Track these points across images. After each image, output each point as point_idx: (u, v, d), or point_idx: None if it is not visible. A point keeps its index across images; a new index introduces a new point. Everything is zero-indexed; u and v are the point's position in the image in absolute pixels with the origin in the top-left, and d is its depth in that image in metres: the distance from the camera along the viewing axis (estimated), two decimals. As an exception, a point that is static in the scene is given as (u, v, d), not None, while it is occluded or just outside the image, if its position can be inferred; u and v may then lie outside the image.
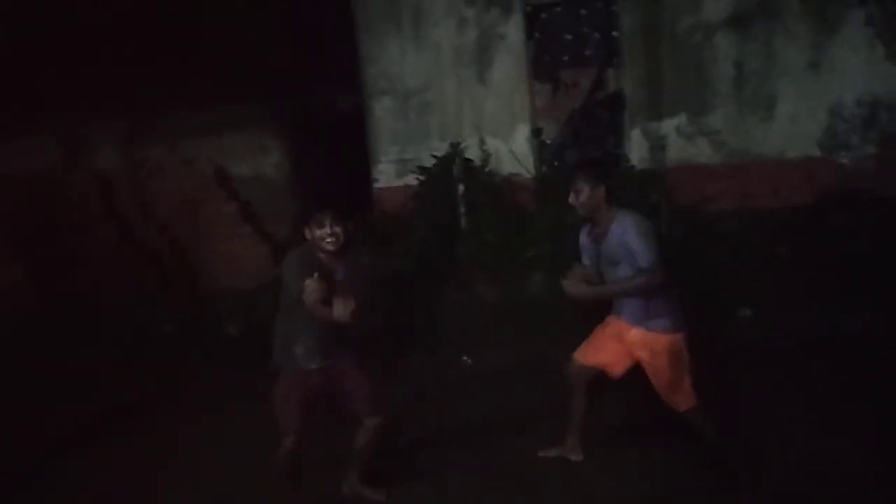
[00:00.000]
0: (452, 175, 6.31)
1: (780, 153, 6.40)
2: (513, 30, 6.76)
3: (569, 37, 6.80)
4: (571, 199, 3.23)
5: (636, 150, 6.68)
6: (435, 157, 6.63)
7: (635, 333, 3.26)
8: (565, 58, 6.84)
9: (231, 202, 7.23)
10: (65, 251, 6.57)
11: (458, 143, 6.52)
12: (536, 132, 6.87)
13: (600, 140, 6.90)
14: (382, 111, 7.04)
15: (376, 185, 7.17)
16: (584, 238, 3.40)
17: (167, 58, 7.20)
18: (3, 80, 7.10)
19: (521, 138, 6.88)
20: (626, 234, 3.11)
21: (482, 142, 6.63)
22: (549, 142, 6.97)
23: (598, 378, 3.45)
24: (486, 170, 6.50)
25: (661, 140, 6.66)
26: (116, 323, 5.96)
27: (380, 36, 6.92)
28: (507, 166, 6.85)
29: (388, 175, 7.13)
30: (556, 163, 6.98)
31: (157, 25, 7.25)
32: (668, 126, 6.63)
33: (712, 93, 6.49)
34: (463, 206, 6.09)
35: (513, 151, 6.71)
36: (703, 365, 4.43)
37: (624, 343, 3.30)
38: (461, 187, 6.12)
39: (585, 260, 3.40)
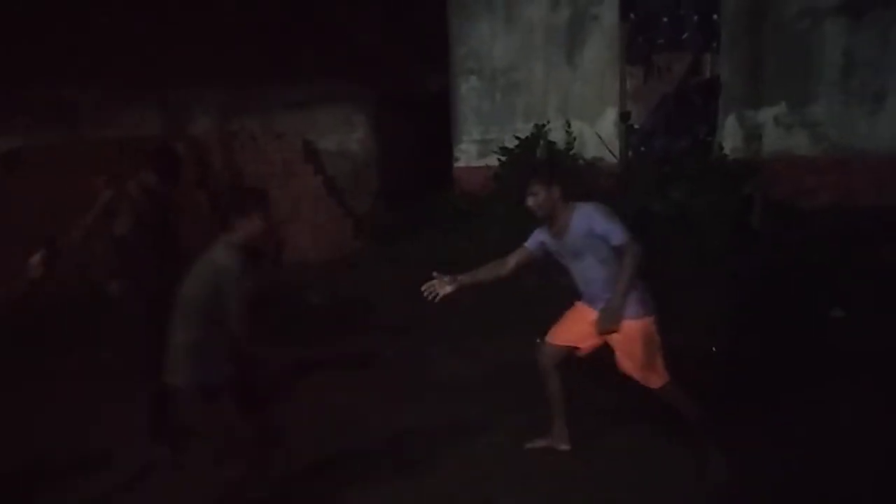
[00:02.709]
0: (535, 157, 6.29)
1: (887, 149, 6.04)
2: (607, 10, 6.64)
3: (665, 19, 6.61)
4: (529, 202, 3.25)
5: (730, 140, 6.46)
6: (518, 138, 6.62)
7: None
8: (660, 40, 6.66)
9: (317, 175, 7.46)
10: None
11: (543, 125, 6.48)
12: (625, 116, 6.75)
13: (692, 127, 6.70)
14: (468, 91, 7.08)
15: (457, 165, 7.25)
16: (544, 237, 3.39)
17: (263, 33, 7.48)
18: (112, 52, 7.57)
19: (608, 122, 6.78)
20: (591, 219, 3.14)
21: (568, 124, 6.57)
22: (637, 127, 6.83)
23: (568, 358, 3.46)
24: (571, 153, 6.43)
25: (757, 129, 6.42)
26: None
27: (470, 15, 6.95)
28: (591, 150, 6.77)
29: (470, 155, 7.18)
30: (642, 149, 6.86)
31: (253, 1, 7.54)
32: (766, 115, 6.37)
33: (816, 82, 6.18)
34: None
35: (599, 135, 6.61)
36: (787, 363, 4.33)
37: (592, 326, 3.31)
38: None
39: (531, 248, 3.40)
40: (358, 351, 5.25)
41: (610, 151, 6.64)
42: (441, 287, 3.31)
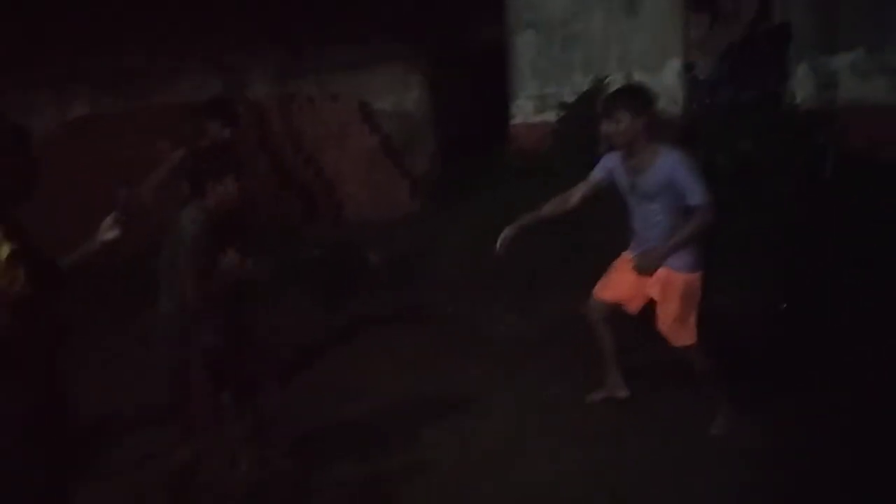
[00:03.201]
0: (595, 112, 6.13)
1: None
2: (670, -45, 6.36)
3: (732, -39, 6.30)
4: (606, 126, 3.08)
5: (802, 89, 6.14)
6: (577, 92, 6.47)
7: (665, 272, 3.17)
8: (727, -15, 6.35)
9: (373, 136, 7.49)
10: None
11: (604, 79, 6.31)
12: (689, 67, 6.50)
13: (761, 76, 6.39)
14: (525, 45, 6.93)
15: (513, 122, 7.14)
16: (615, 165, 3.24)
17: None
18: (171, 18, 7.70)
19: (671, 74, 6.54)
20: (676, 170, 3.00)
21: (629, 77, 6.36)
22: (701, 78, 6.57)
23: (616, 314, 3.40)
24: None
25: (831, 77, 6.08)
26: (269, 244, 6.45)
27: (526, -34, 6.76)
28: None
29: (526, 111, 7.06)
30: (707, 100, 6.59)
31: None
32: (842, 62, 6.02)
33: (898, 24, 5.80)
34: (604, 144, 5.93)
35: (666, 86, 6.37)
36: (854, 324, 4.16)
37: (639, 279, 3.23)
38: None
39: (599, 178, 3.30)
40: (417, 307, 5.33)
41: (675, 103, 6.40)
42: (504, 236, 3.25)
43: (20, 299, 1.90)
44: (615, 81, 6.47)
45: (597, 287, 3.47)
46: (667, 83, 6.49)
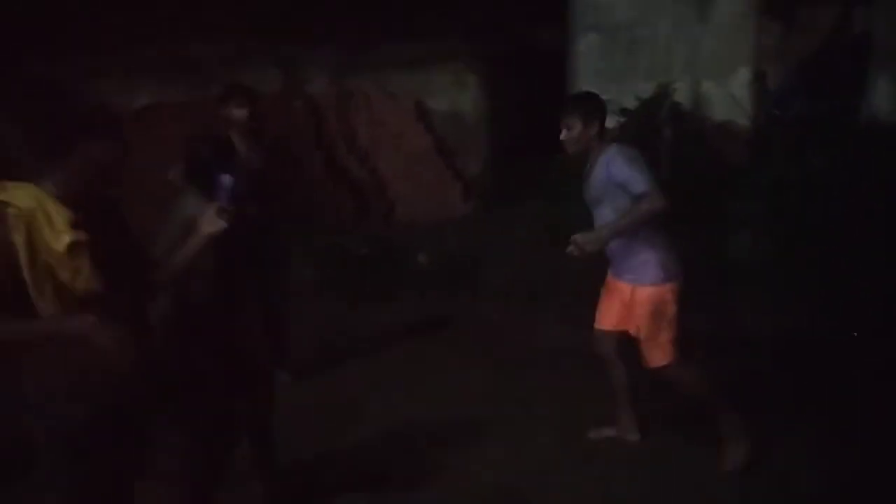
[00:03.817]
0: (658, 118, 5.94)
1: None
2: (744, -41, 6.11)
3: (811, -33, 6.02)
4: (562, 135, 3.01)
5: (882, 103, 5.82)
6: (640, 98, 6.27)
7: (628, 290, 3.07)
8: (805, -8, 6.07)
9: (428, 136, 7.44)
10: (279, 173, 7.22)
11: (668, 85, 6.10)
12: (759, 76, 6.23)
13: (837, 89, 6.09)
14: (587, 47, 6.76)
15: (572, 127, 6.98)
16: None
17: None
18: (233, 10, 7.80)
19: (740, 83, 6.27)
20: (611, 164, 2.88)
21: (698, 84, 6.13)
22: (772, 88, 6.30)
23: (623, 343, 3.22)
24: (700, 114, 6.02)
25: (914, 91, 5.75)
26: (320, 241, 6.48)
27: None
28: (718, 113, 6.31)
29: (586, 116, 6.89)
30: (777, 112, 6.32)
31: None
32: (927, 75, 5.68)
33: None
34: (667, 152, 5.74)
35: (734, 96, 6.13)
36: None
37: (623, 299, 3.11)
38: (667, 132, 5.76)
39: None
40: (468, 314, 5.26)
41: (744, 112, 6.15)
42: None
43: (88, 295, 1.81)
44: (681, 88, 6.30)
45: (596, 317, 3.30)
46: (735, 92, 6.25)
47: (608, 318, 3.22)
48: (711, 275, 5.19)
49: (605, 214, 3.00)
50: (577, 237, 2.88)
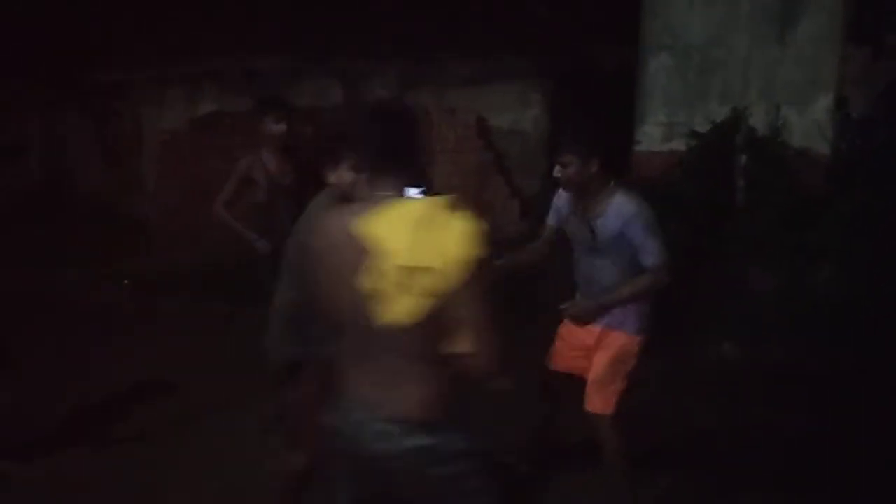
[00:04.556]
0: (733, 143, 5.71)
1: None
2: (830, -20, 5.86)
3: (903, -9, 5.74)
4: (556, 171, 2.84)
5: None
6: (713, 122, 6.05)
7: (595, 332, 2.90)
8: (894, 17, 5.78)
9: (487, 153, 7.34)
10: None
11: (744, 109, 5.87)
12: (841, 103, 5.94)
13: (925, 118, 5.78)
14: (658, 68, 6.57)
15: (637, 148, 6.78)
16: (563, 206, 3.01)
17: (440, 5, 7.42)
18: (297, 23, 7.90)
19: (820, 109, 5.99)
20: (628, 225, 2.72)
21: (778, 108, 5.86)
22: (855, 116, 6.00)
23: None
24: (779, 140, 5.76)
25: None
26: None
27: (667, -14, 6.43)
28: (796, 140, 6.04)
29: (653, 138, 6.68)
30: (859, 141, 6.01)
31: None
32: None
33: None
34: (742, 179, 5.51)
35: (814, 123, 5.85)
36: None
37: (586, 342, 2.96)
38: (743, 158, 5.52)
39: (553, 223, 3.09)
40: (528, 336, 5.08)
41: (825, 140, 5.87)
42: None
43: None
44: (757, 113, 6.06)
45: (549, 358, 3.13)
46: (816, 119, 5.97)
47: (562, 360, 3.07)
48: (786, 304, 4.93)
49: (605, 266, 2.85)
50: (571, 309, 2.86)
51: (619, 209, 2.79)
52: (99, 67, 8.77)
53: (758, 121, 6.02)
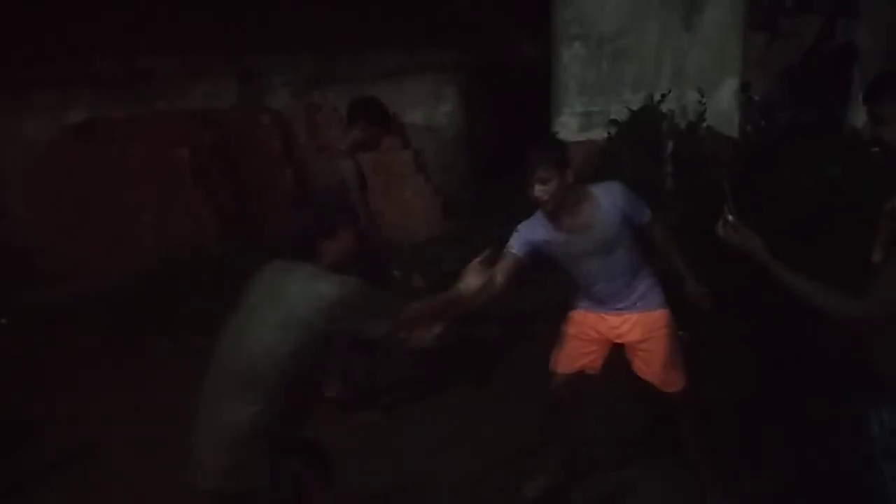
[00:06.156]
0: (656, 130, 5.89)
1: None
2: (730, -31, 6.18)
3: (794, -22, 6.16)
4: (538, 192, 2.64)
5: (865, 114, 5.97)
6: (630, 110, 6.21)
7: (627, 319, 2.87)
8: (788, 3, 6.19)
9: (405, 151, 7.13)
10: (245, 192, 6.73)
11: (664, 95, 6.07)
12: (745, 87, 6.30)
13: (820, 100, 6.23)
14: (571, 58, 6.67)
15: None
16: (545, 237, 2.77)
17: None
18: (187, 19, 7.29)
19: (726, 93, 6.34)
20: (622, 201, 2.73)
21: (700, 93, 6.07)
22: (756, 98, 6.38)
23: (582, 384, 3.05)
24: (704, 125, 5.99)
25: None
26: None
27: (575, -24, 6.53)
28: (706, 123, 6.33)
29: (571, 128, 6.78)
30: (762, 122, 6.41)
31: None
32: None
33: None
34: (671, 165, 5.68)
35: (721, 106, 6.15)
36: None
37: (605, 335, 2.94)
38: (670, 144, 5.70)
39: (522, 255, 2.77)
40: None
41: (731, 123, 6.19)
42: (425, 332, 2.61)
43: None
44: (669, 99, 6.28)
45: (555, 361, 3.04)
46: (722, 103, 6.29)
47: (575, 360, 2.99)
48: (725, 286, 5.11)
49: (619, 256, 2.77)
50: (698, 293, 2.88)
51: (608, 198, 2.73)
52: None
53: (670, 106, 6.25)
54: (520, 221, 2.89)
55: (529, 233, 2.80)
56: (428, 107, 7.33)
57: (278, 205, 6.63)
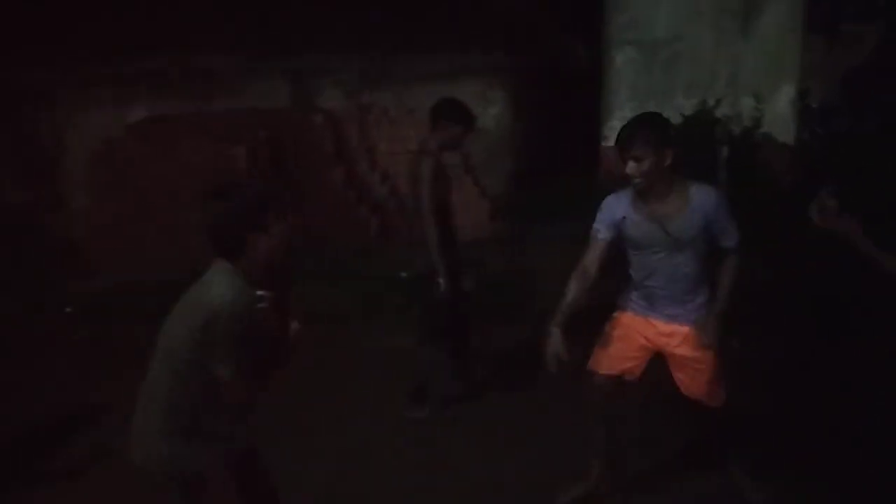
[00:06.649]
0: (709, 136, 5.81)
1: None
2: (789, -27, 6.08)
3: (857, -17, 6.03)
4: (630, 168, 2.58)
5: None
6: (684, 115, 6.15)
7: (678, 330, 2.79)
8: (850, 8, 6.06)
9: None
10: (297, 190, 6.87)
11: (718, 101, 5.99)
12: (803, 94, 6.18)
13: (883, 107, 6.08)
14: (624, 63, 6.64)
15: (605, 144, 6.83)
16: (626, 215, 2.72)
17: (398, 1, 7.21)
18: (244, 20, 7.49)
19: (783, 100, 6.23)
20: (716, 210, 2.62)
21: (757, 100, 5.99)
22: (815, 105, 6.26)
23: (621, 388, 2.97)
24: (759, 131, 5.91)
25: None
26: (350, 265, 6.14)
27: (631, -20, 6.50)
28: (762, 130, 6.23)
29: (621, 133, 6.75)
30: (819, 130, 6.28)
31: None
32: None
33: None
34: (725, 172, 5.60)
35: (783, 113, 6.05)
36: None
37: (652, 342, 2.86)
38: (725, 150, 5.62)
39: (609, 237, 2.74)
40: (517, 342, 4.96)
41: (787, 131, 6.09)
42: (557, 351, 2.70)
43: None
44: (723, 105, 6.20)
45: (596, 361, 2.95)
46: (778, 110, 6.19)
47: (618, 362, 2.92)
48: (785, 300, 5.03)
49: (686, 260, 2.70)
50: (707, 336, 2.75)
51: (704, 198, 2.63)
52: (13, 69, 8.00)
53: (724, 112, 6.17)
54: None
55: (612, 212, 2.76)
56: (476, 109, 7.34)
57: (330, 204, 6.77)
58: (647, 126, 2.63)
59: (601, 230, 2.76)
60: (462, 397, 4.15)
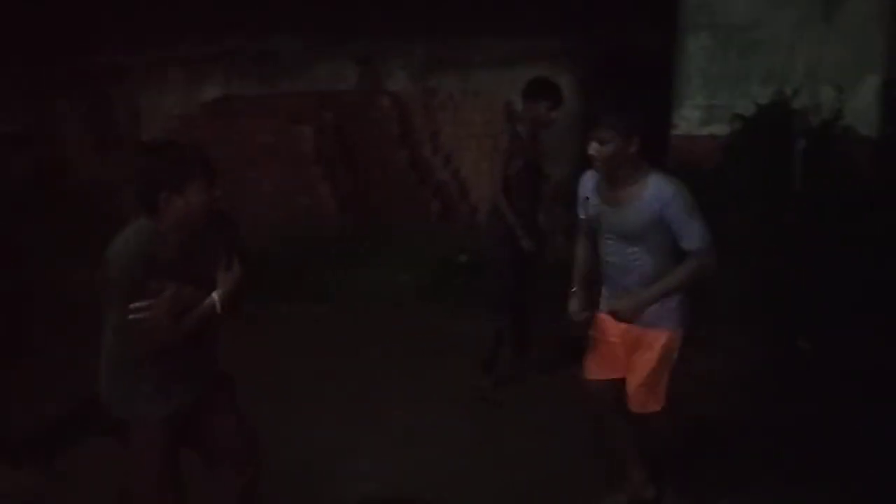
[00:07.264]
0: (786, 127, 5.63)
1: None
2: (877, -45, 5.80)
3: (955, -35, 5.70)
4: (592, 149, 2.62)
5: None
6: (758, 105, 5.97)
7: (639, 332, 2.75)
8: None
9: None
10: (362, 172, 7.01)
11: (796, 91, 5.79)
12: (889, 84, 5.90)
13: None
14: (697, 49, 6.45)
15: (675, 133, 6.68)
16: (590, 190, 2.81)
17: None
18: (309, 4, 7.62)
19: (866, 91, 5.95)
20: (668, 206, 2.56)
21: (839, 90, 5.74)
22: (902, 97, 5.97)
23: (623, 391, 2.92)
24: (841, 124, 5.69)
25: None
26: (412, 247, 6.24)
27: (706, -37, 6.31)
28: (843, 123, 5.99)
29: (692, 122, 6.58)
30: (904, 124, 5.99)
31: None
32: None
33: None
34: (801, 165, 5.43)
35: (866, 105, 5.79)
36: None
37: (623, 339, 2.85)
38: (803, 142, 5.44)
39: (580, 211, 2.89)
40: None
41: (870, 124, 5.83)
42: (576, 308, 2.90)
43: None
44: (801, 95, 5.98)
45: (586, 368, 2.96)
46: (861, 101, 5.92)
47: (607, 365, 2.90)
48: (853, 298, 4.87)
49: (638, 255, 2.68)
50: (618, 305, 2.68)
51: (656, 192, 2.61)
52: (91, 49, 8.37)
53: (802, 103, 5.96)
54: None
55: (582, 188, 2.89)
56: (543, 94, 7.32)
57: (393, 186, 6.87)
58: (616, 110, 2.73)
59: (578, 210, 2.94)
60: (516, 376, 4.26)
